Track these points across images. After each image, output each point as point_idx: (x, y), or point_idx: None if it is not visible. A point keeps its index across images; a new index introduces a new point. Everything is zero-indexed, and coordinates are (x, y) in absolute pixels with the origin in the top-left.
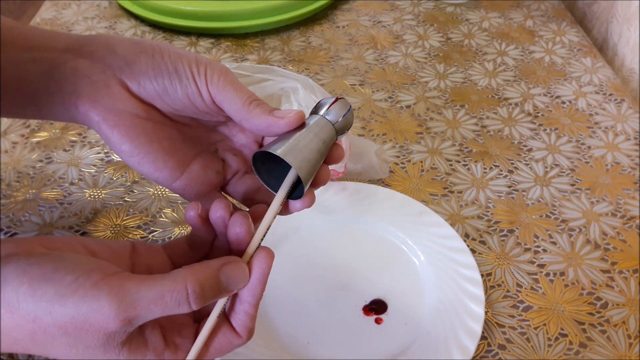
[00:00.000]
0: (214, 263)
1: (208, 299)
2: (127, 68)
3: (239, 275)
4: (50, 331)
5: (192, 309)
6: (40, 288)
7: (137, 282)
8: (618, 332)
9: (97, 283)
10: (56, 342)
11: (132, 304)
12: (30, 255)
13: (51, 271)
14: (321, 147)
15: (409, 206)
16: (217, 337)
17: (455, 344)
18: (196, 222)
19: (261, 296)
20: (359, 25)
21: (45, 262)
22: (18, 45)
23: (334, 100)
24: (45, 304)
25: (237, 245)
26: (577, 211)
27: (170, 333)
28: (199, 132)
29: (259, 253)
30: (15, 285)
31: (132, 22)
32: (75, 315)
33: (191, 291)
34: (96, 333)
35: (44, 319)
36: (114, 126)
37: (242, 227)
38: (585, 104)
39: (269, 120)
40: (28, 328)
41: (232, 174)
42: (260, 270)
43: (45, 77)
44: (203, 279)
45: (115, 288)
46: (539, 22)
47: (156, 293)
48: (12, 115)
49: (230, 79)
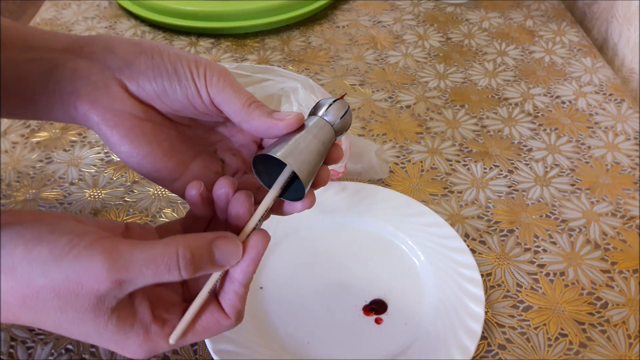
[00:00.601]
0: (208, 235)
1: (198, 268)
2: (127, 69)
3: (232, 250)
4: (42, 294)
5: (182, 276)
6: (35, 249)
7: (129, 245)
8: (618, 332)
9: (91, 244)
10: (47, 306)
11: (124, 265)
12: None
13: (46, 232)
14: (320, 148)
15: (409, 206)
16: (204, 315)
17: (455, 344)
18: (196, 200)
19: (251, 277)
20: (359, 25)
21: (39, 225)
22: (17, 46)
23: (332, 101)
24: (39, 265)
25: (236, 223)
26: (577, 211)
27: (158, 309)
28: (198, 132)
29: (256, 233)
30: (10, 248)
31: (132, 22)
32: (68, 275)
33: (182, 256)
34: (86, 295)
35: (38, 280)
36: (113, 127)
37: (244, 205)
38: (585, 104)
39: (268, 123)
40: (20, 291)
41: (231, 174)
42: (255, 250)
43: (45, 77)
44: (194, 247)
45: (108, 249)
46: (539, 22)
47: (148, 255)
48: (11, 115)
49: (229, 80)
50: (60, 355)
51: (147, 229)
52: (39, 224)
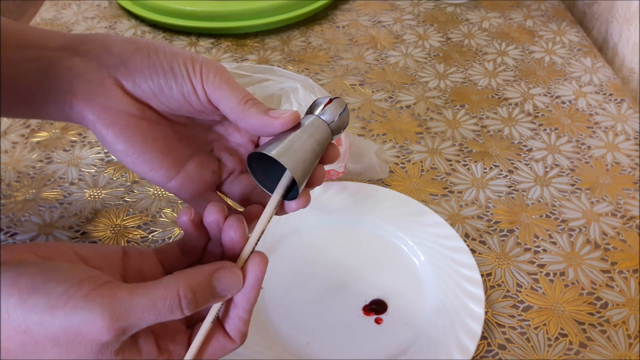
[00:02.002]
0: (207, 268)
1: (200, 304)
2: (122, 67)
3: (232, 281)
4: (41, 342)
5: (184, 314)
6: (30, 299)
7: (129, 292)
8: (618, 332)
9: (88, 294)
10: (48, 353)
11: (125, 314)
12: (19, 264)
13: (41, 282)
14: (316, 147)
15: (409, 206)
16: (210, 344)
17: (455, 344)
18: (189, 227)
19: (255, 301)
20: (359, 25)
21: (35, 272)
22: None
23: (329, 100)
24: (35, 316)
25: (231, 249)
26: (577, 211)
27: (164, 340)
28: (195, 131)
29: (253, 258)
30: (5, 296)
31: (132, 22)
32: (66, 326)
33: (183, 297)
34: (89, 344)
35: (35, 330)
36: (108, 125)
37: (237, 231)
38: (585, 104)
39: (264, 120)
40: (19, 339)
41: (227, 173)
42: (254, 276)
43: (40, 76)
44: (195, 285)
45: (108, 298)
46: (539, 22)
47: (149, 301)
48: (7, 114)
49: (225, 77)
50: None
51: (146, 253)
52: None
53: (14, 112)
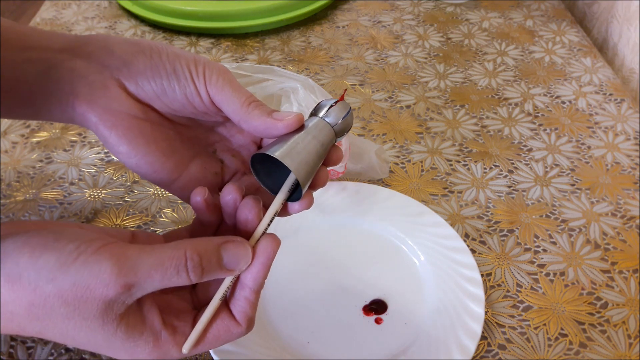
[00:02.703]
0: (217, 239)
1: (206, 271)
2: (125, 68)
3: (241, 254)
4: (49, 302)
5: (190, 278)
6: (42, 257)
7: (137, 249)
8: (618, 332)
9: (98, 249)
10: (54, 314)
11: (132, 269)
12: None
13: (52, 240)
14: (319, 149)
15: (409, 206)
16: (215, 324)
17: (455, 344)
18: (202, 206)
19: (262, 283)
20: (359, 25)
21: (45, 233)
22: (14, 46)
23: (333, 102)
24: (46, 272)
25: (245, 228)
26: (577, 211)
27: (169, 316)
28: (197, 132)
29: (265, 238)
30: (16, 256)
31: (132, 22)
32: (76, 281)
33: (189, 258)
34: (95, 301)
35: (45, 287)
36: (111, 127)
37: (253, 210)
38: (585, 104)
39: (267, 122)
40: (27, 299)
41: (230, 175)
42: (266, 254)
43: (42, 77)
44: (202, 250)
45: (116, 254)
46: (539, 22)
47: (156, 259)
48: (9, 115)
49: (228, 79)
50: (60, 355)
51: (154, 236)
52: (45, 231)
53: (16, 114)
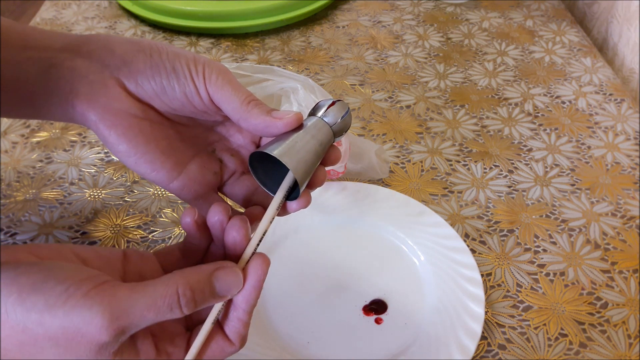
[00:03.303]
0: (207, 267)
1: (200, 303)
2: (125, 67)
3: (232, 280)
4: (40, 342)
5: (184, 313)
6: (30, 298)
7: (128, 290)
8: (618, 332)
9: (88, 293)
10: (46, 353)
11: (125, 313)
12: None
13: (41, 281)
14: (318, 148)
15: (409, 206)
16: (209, 346)
17: (455, 344)
18: (192, 228)
19: (255, 303)
20: (359, 25)
21: (34, 271)
22: (15, 45)
23: (332, 102)
24: (34, 315)
25: (233, 250)
26: (577, 211)
27: (162, 342)
28: (197, 132)
29: (255, 259)
30: (4, 295)
31: (132, 22)
32: (66, 326)
33: (182, 295)
34: (88, 344)
35: (34, 329)
36: (111, 126)
37: (240, 231)
38: (585, 104)
39: (266, 121)
40: (17, 339)
41: (229, 174)
42: (256, 277)
43: (43, 77)
44: (194, 283)
45: (107, 297)
46: (539, 22)
47: (148, 299)
48: (10, 115)
49: (228, 78)
50: None
51: (146, 255)
52: (34, 269)
53: (16, 113)
